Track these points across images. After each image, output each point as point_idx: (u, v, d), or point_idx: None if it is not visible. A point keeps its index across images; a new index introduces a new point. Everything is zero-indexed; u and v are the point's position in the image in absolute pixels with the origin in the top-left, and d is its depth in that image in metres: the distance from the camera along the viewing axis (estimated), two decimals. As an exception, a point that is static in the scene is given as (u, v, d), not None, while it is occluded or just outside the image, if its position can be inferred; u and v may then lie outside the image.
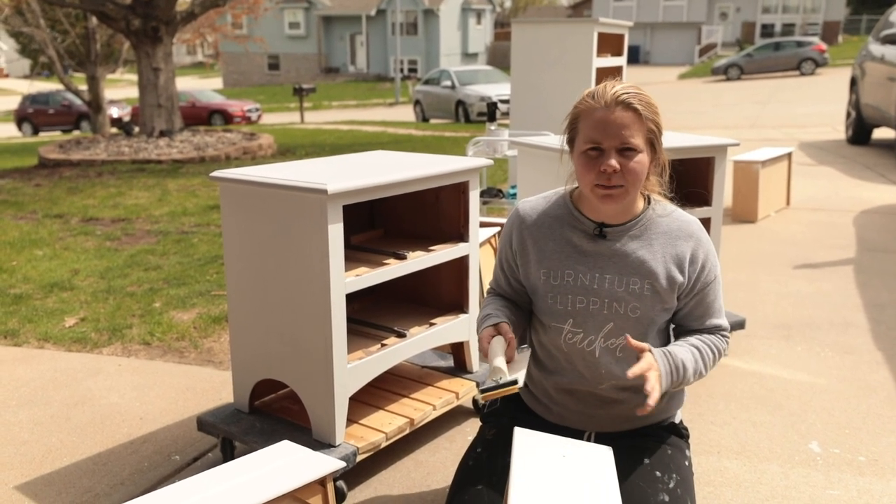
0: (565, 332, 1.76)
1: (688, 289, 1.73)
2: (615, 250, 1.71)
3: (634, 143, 1.62)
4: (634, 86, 1.67)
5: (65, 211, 6.75)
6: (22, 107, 24.23)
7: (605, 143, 1.62)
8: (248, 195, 2.19)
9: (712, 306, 1.76)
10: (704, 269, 1.73)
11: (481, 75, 19.33)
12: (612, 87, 1.65)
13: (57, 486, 2.35)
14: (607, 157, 1.62)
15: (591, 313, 1.72)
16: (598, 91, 1.66)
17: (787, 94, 18.85)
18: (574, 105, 1.71)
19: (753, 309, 3.79)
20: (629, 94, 1.63)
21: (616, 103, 1.62)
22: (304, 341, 2.17)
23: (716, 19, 42.55)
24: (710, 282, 1.74)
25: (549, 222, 1.78)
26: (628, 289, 1.70)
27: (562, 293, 1.74)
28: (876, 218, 5.64)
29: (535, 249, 1.77)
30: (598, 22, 5.31)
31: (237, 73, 43.37)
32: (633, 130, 1.61)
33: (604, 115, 1.62)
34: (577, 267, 1.73)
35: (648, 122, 1.64)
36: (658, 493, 1.61)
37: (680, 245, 1.71)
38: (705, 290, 1.74)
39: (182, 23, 11.53)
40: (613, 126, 1.61)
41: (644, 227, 1.72)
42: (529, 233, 1.79)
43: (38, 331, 3.70)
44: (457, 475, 1.81)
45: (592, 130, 1.63)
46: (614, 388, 1.75)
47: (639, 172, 1.64)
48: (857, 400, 2.82)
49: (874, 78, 8.56)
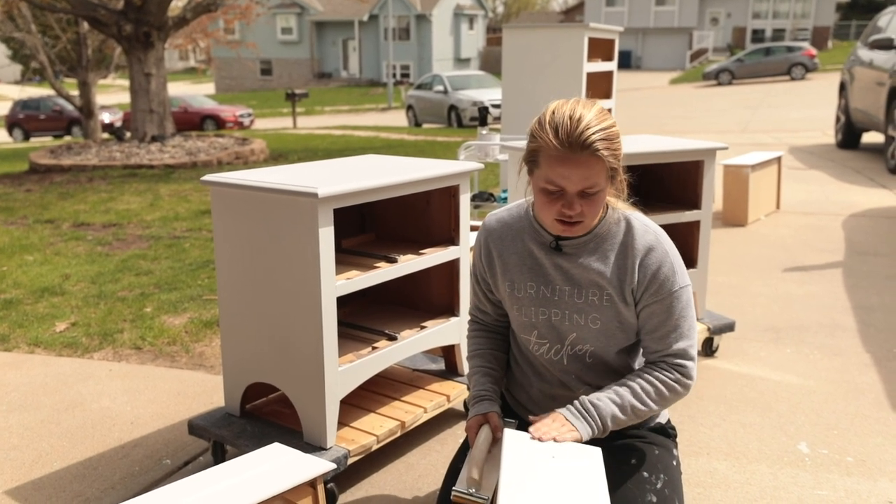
0: (532, 343, 1.79)
1: (639, 297, 1.67)
2: (572, 263, 1.69)
3: (597, 186, 1.57)
4: (599, 113, 1.57)
5: (56, 216, 6.74)
6: (13, 112, 24.13)
7: (567, 188, 1.56)
8: (240, 199, 2.20)
9: (667, 323, 1.66)
10: (657, 279, 1.65)
11: (473, 80, 19.38)
12: (577, 122, 1.54)
13: (47, 490, 2.35)
14: (569, 200, 1.57)
15: (553, 325, 1.74)
16: (562, 126, 1.54)
17: (778, 99, 18.96)
18: (533, 131, 1.61)
19: (743, 312, 3.82)
20: (594, 135, 1.53)
21: (581, 147, 1.53)
22: (295, 345, 2.18)
23: (707, 24, 42.77)
24: (665, 296, 1.65)
25: (512, 235, 1.78)
26: (587, 300, 1.69)
27: (525, 305, 1.76)
28: (865, 221, 5.68)
29: (500, 262, 1.79)
30: (589, 27, 5.34)
31: (229, 78, 43.33)
32: (595, 174, 1.55)
33: (566, 158, 1.54)
34: (537, 279, 1.73)
35: (611, 161, 1.57)
36: (646, 493, 1.62)
37: (633, 254, 1.66)
38: (658, 303, 1.66)
39: (174, 28, 11.52)
40: (576, 172, 1.54)
41: (601, 239, 1.69)
42: (495, 245, 1.80)
43: (29, 336, 3.69)
44: (446, 477, 1.82)
45: (554, 173, 1.56)
46: (591, 392, 1.75)
47: (598, 207, 1.60)
48: (846, 401, 2.84)
49: (863, 83, 8.62)
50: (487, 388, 1.81)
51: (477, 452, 1.65)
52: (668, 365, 1.67)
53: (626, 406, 1.62)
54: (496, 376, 1.85)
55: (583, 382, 1.77)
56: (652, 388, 1.64)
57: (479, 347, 1.90)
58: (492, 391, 1.81)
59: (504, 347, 1.91)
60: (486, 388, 1.81)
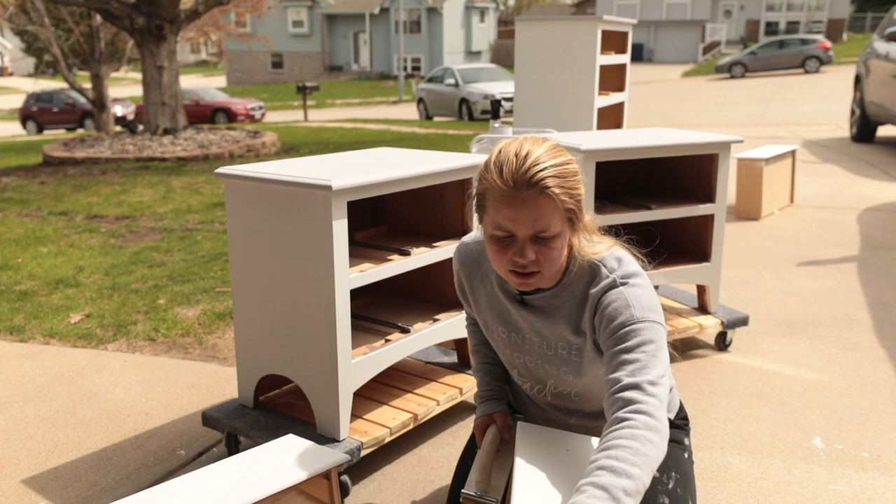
0: (515, 379, 1.76)
1: (600, 342, 1.50)
2: (538, 317, 1.59)
3: (551, 229, 1.40)
4: (550, 149, 1.43)
5: (69, 208, 6.77)
6: (26, 105, 24.28)
7: (517, 232, 1.41)
8: (253, 191, 2.21)
9: (620, 356, 1.41)
10: (608, 317, 1.46)
11: (485, 73, 19.32)
12: (523, 159, 1.39)
13: (63, 480, 2.36)
14: (521, 247, 1.42)
15: (529, 369, 1.69)
16: (508, 163, 1.40)
17: (792, 92, 18.81)
18: (480, 173, 1.47)
19: (757, 306, 3.80)
20: (542, 172, 1.37)
21: (528, 185, 1.37)
22: (309, 337, 2.18)
23: (720, 17, 42.45)
24: (616, 329, 1.44)
25: (481, 275, 1.67)
26: (556, 353, 1.61)
27: (500, 346, 1.71)
28: (880, 215, 5.63)
29: (472, 298, 1.73)
30: (602, 20, 5.31)
31: (241, 71, 43.41)
32: (547, 216, 1.39)
33: (513, 198, 1.38)
34: (507, 326, 1.66)
35: (566, 201, 1.41)
36: (657, 494, 1.58)
37: (592, 303, 1.51)
38: (612, 339, 1.44)
39: (186, 21, 11.55)
40: (525, 214, 1.38)
41: (567, 292, 1.55)
42: (467, 280, 1.72)
43: (44, 327, 3.72)
44: (457, 470, 1.82)
45: (501, 216, 1.40)
46: (585, 418, 1.73)
47: (556, 258, 1.44)
48: (860, 396, 2.83)
49: (879, 76, 8.54)
50: (492, 387, 1.79)
51: (484, 454, 1.64)
52: (622, 406, 1.35)
53: (618, 494, 1.24)
54: (499, 372, 1.83)
55: (572, 413, 1.73)
56: (626, 452, 1.29)
57: (479, 342, 1.87)
58: (497, 389, 1.79)
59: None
60: (491, 386, 1.80)
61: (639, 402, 1.34)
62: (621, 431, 1.32)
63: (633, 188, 3.48)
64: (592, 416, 1.73)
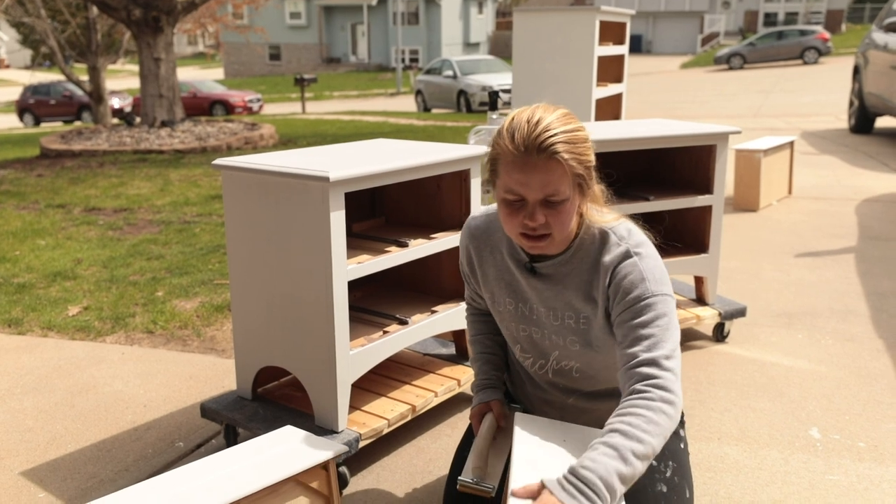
0: (517, 355, 1.77)
1: (612, 312, 1.54)
2: (546, 286, 1.61)
3: (560, 193, 1.45)
4: (562, 116, 1.47)
5: (67, 201, 6.76)
6: (23, 97, 24.21)
7: (528, 195, 1.45)
8: (251, 183, 2.20)
9: (636, 331, 1.46)
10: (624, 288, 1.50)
11: (483, 65, 19.28)
12: (534, 125, 1.44)
13: (62, 472, 2.37)
14: (531, 210, 1.46)
15: (534, 342, 1.70)
16: (519, 129, 1.45)
17: (790, 84, 18.79)
18: (493, 139, 1.52)
19: (755, 297, 3.80)
20: (553, 137, 1.42)
21: (538, 150, 1.42)
22: (307, 329, 2.18)
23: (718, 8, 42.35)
24: (632, 303, 1.49)
25: (491, 246, 1.70)
26: (564, 322, 1.62)
27: (506, 319, 1.72)
28: (878, 207, 5.63)
29: (480, 271, 1.74)
30: (600, 10, 5.30)
31: (238, 63, 43.28)
32: (557, 180, 1.43)
33: (524, 162, 1.43)
34: (515, 296, 1.68)
35: (575, 167, 1.45)
36: (655, 483, 1.60)
37: (605, 270, 1.54)
38: (627, 311, 1.49)
39: (183, 13, 11.50)
40: (535, 178, 1.43)
41: (577, 259, 1.58)
42: (476, 253, 1.74)
43: (42, 319, 3.72)
44: (452, 466, 1.82)
45: (512, 181, 1.45)
46: (583, 399, 1.74)
47: (565, 222, 1.48)
48: (858, 387, 2.83)
49: (877, 67, 8.53)
50: (490, 376, 1.80)
51: (481, 441, 1.65)
52: (641, 380, 1.42)
53: (627, 454, 1.32)
54: (497, 362, 1.84)
55: (571, 392, 1.74)
56: (640, 420, 1.36)
57: (478, 332, 1.88)
58: (494, 378, 1.80)
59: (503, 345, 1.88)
60: (489, 375, 1.81)
61: (655, 378, 1.41)
62: (637, 401, 1.39)
63: (631, 179, 3.48)
64: (590, 396, 1.74)
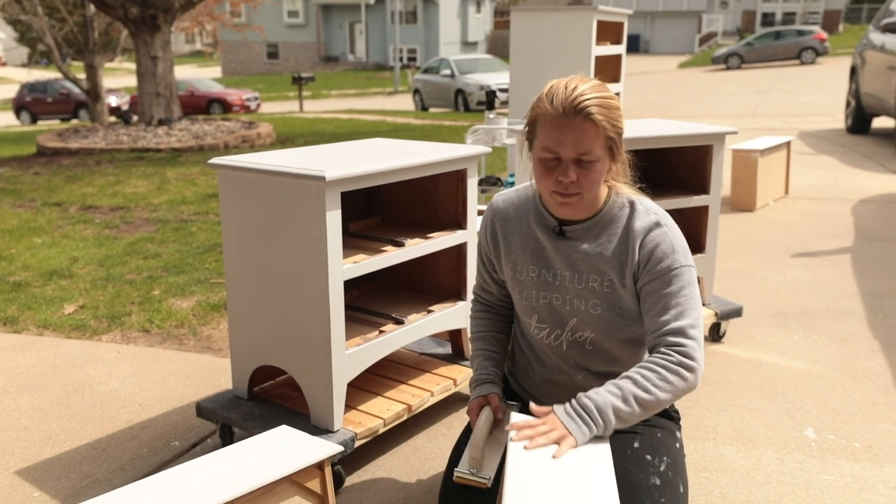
0: (533, 327, 1.81)
1: (639, 277, 1.65)
2: (574, 248, 1.70)
3: (592, 153, 1.56)
4: (596, 85, 1.59)
5: (63, 199, 6.75)
6: (20, 95, 24.15)
7: (562, 153, 1.57)
8: (247, 182, 2.20)
9: (665, 301, 1.61)
10: (655, 256, 1.63)
11: (481, 64, 19.27)
12: (571, 90, 1.57)
13: (57, 471, 2.36)
14: (564, 167, 1.57)
15: (554, 309, 1.75)
16: (558, 94, 1.58)
17: (788, 84, 18.81)
18: (533, 104, 1.63)
19: (751, 297, 3.81)
20: (588, 101, 1.55)
21: (574, 111, 1.54)
22: (303, 328, 2.18)
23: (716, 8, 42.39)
24: (663, 272, 1.62)
25: (518, 216, 1.79)
26: (588, 286, 1.69)
27: (527, 288, 1.77)
28: (874, 207, 5.64)
29: (504, 243, 1.80)
30: (598, 10, 5.30)
31: (236, 61, 43.22)
32: (590, 140, 1.56)
33: (561, 123, 1.56)
34: (539, 263, 1.75)
35: (608, 129, 1.57)
36: (649, 476, 1.62)
37: (634, 236, 1.65)
38: (656, 280, 1.62)
39: (180, 11, 11.48)
40: (570, 136, 1.55)
41: (605, 224, 1.68)
42: (500, 225, 1.81)
43: (38, 318, 3.71)
44: (450, 460, 1.82)
45: (549, 139, 1.58)
46: (590, 378, 1.77)
47: (595, 181, 1.59)
48: (853, 387, 2.84)
49: (874, 67, 8.54)
50: (489, 372, 1.84)
51: (478, 433, 1.66)
52: (666, 346, 1.58)
53: (628, 396, 1.52)
54: (498, 360, 1.88)
55: (581, 369, 1.78)
56: (653, 374, 1.54)
57: (481, 330, 1.92)
58: (493, 374, 1.84)
59: (506, 329, 1.93)
60: (488, 371, 1.84)
61: (679, 346, 1.57)
62: (656, 359, 1.57)
63: (627, 179, 3.48)
64: (598, 375, 1.76)
